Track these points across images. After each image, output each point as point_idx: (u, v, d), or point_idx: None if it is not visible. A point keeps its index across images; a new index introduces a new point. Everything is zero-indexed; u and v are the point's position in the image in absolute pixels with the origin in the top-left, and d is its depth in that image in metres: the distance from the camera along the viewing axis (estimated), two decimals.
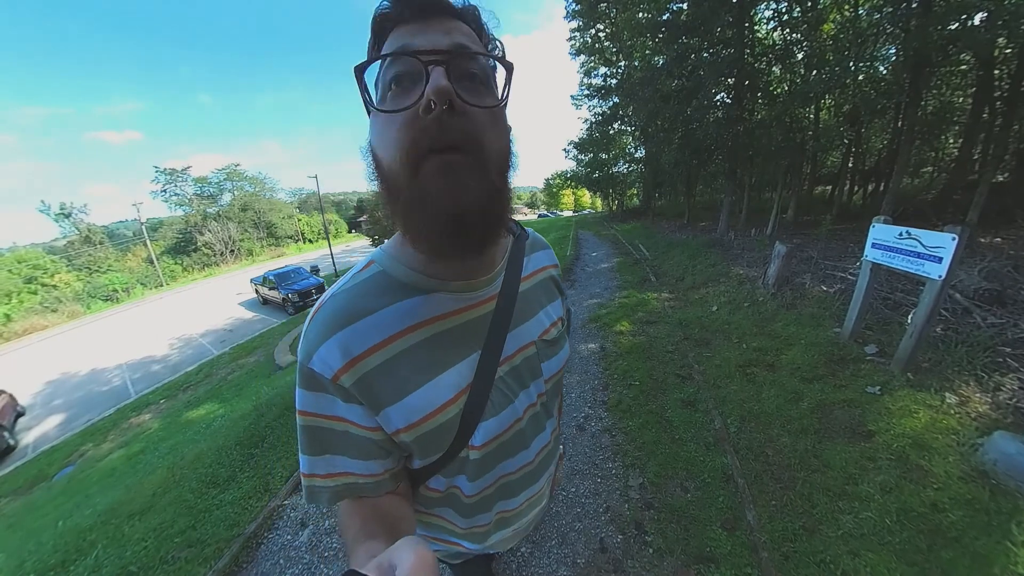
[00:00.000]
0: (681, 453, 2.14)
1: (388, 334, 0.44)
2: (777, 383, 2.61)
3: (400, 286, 0.46)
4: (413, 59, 0.34)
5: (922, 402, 2.11)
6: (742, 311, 3.86)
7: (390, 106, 0.36)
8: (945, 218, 5.53)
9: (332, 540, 1.88)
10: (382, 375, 0.43)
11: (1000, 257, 3.91)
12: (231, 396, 5.98)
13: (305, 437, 0.46)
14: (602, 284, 6.36)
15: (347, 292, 0.45)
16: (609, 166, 16.05)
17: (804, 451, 2.00)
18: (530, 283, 0.56)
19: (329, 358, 0.42)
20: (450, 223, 0.35)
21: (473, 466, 0.51)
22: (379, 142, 0.38)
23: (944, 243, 2.11)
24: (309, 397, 0.44)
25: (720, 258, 5.92)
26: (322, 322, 0.43)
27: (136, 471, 3.53)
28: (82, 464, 5.56)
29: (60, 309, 24.18)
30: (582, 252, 9.74)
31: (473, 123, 0.35)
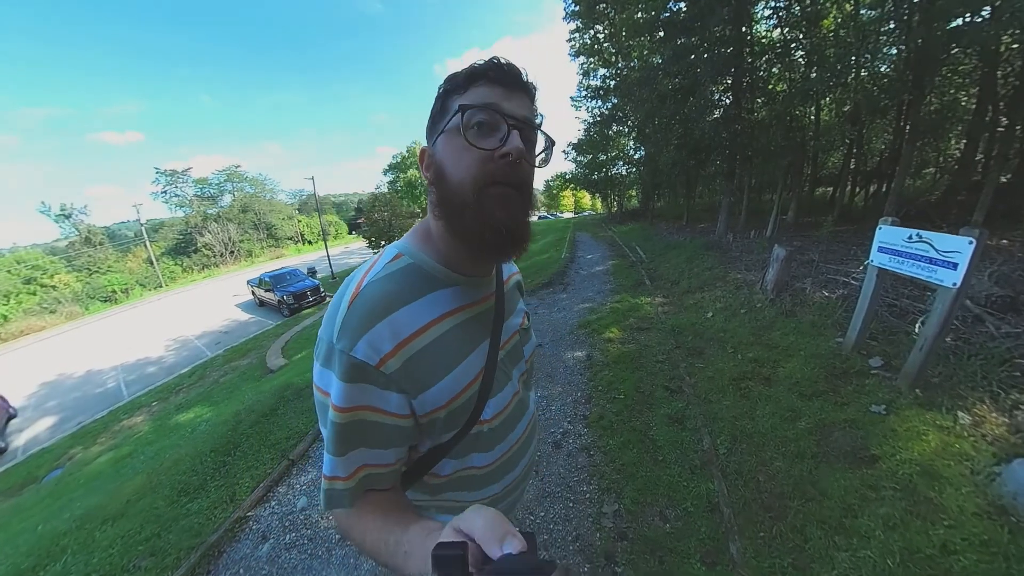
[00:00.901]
0: (663, 477, 1.97)
1: (427, 320, 0.49)
2: (773, 399, 2.41)
3: (430, 278, 0.52)
4: (500, 118, 0.45)
5: (932, 423, 1.91)
6: (738, 318, 3.66)
7: (474, 141, 0.45)
8: (949, 220, 5.33)
9: (291, 555, 1.85)
10: (424, 358, 0.48)
11: (1011, 260, 3.71)
12: (221, 399, 5.92)
13: (340, 435, 0.47)
14: (595, 288, 6.18)
15: (385, 280, 0.50)
16: (607, 168, 15.89)
17: (800, 477, 1.81)
18: (508, 285, 0.67)
19: (378, 342, 0.45)
20: (501, 235, 0.46)
21: (485, 440, 0.57)
22: (454, 162, 0.47)
23: (960, 247, 1.91)
24: (353, 390, 0.45)
25: (717, 261, 5.72)
26: (367, 307, 0.47)
27: (119, 475, 3.51)
28: (71, 467, 5.52)
29: (59, 310, 24.14)
30: (578, 254, 9.56)
31: (526, 173, 0.48)
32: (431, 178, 0.50)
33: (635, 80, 9.19)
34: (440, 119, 0.49)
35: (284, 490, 2.31)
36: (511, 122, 0.46)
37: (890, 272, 2.39)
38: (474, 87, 0.47)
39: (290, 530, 1.98)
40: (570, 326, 4.59)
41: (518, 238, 0.49)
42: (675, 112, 7.56)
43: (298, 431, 2.94)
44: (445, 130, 0.48)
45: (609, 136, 14.53)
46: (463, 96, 0.47)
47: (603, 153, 15.54)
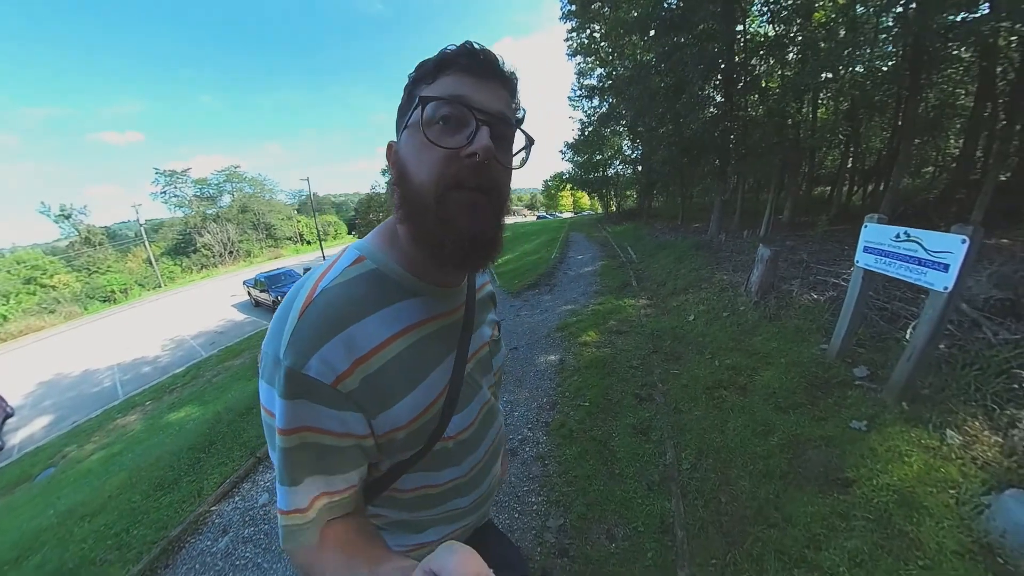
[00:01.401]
0: (617, 492, 1.83)
1: (389, 334, 0.44)
2: (747, 410, 2.21)
3: (395, 287, 0.47)
4: (469, 112, 0.40)
5: (916, 442, 1.70)
6: (720, 321, 3.46)
7: (436, 139, 0.40)
8: (948, 218, 5.10)
9: (247, 549, 1.86)
10: (384, 375, 0.43)
11: (1011, 260, 3.48)
12: (212, 399, 5.90)
13: (290, 462, 0.41)
14: (580, 289, 5.99)
15: (343, 287, 0.44)
16: (602, 167, 15.73)
17: (765, 499, 1.62)
18: (480, 295, 0.63)
19: (333, 359, 0.40)
20: (468, 244, 0.42)
21: (449, 456, 0.54)
22: (415, 160, 0.42)
23: (952, 247, 1.72)
24: (302, 411, 0.40)
25: (706, 261, 5.51)
26: (319, 319, 0.40)
27: (108, 473, 3.56)
28: (63, 465, 5.57)
29: (58, 310, 24.21)
30: (568, 255, 9.38)
31: (498, 175, 0.43)
32: (394, 177, 0.45)
33: (627, 78, 9.00)
34: (405, 111, 0.44)
35: (249, 486, 2.33)
36: (480, 117, 0.40)
37: (877, 274, 2.20)
38: (443, 76, 0.41)
39: (250, 525, 2.00)
40: (548, 329, 4.42)
41: (484, 249, 0.44)
42: (666, 110, 7.37)
43: None
44: (408, 124, 0.43)
45: (604, 136, 14.36)
46: (431, 86, 0.42)
47: (598, 153, 15.36)
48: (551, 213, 44.24)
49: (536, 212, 53.25)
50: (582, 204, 40.96)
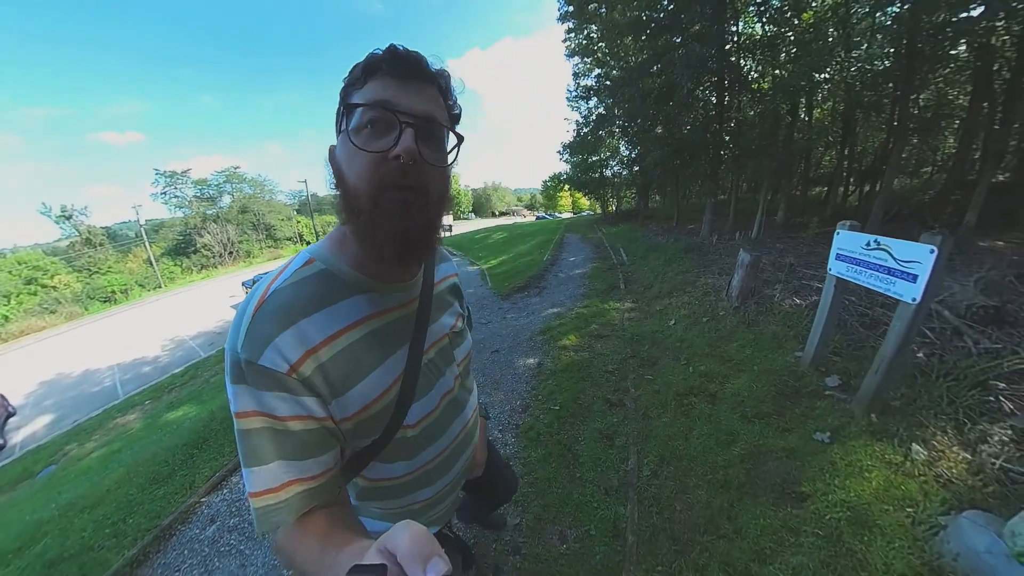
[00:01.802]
0: (574, 495, 1.83)
1: (339, 327, 0.47)
2: (714, 419, 2.15)
3: (344, 285, 0.50)
4: (393, 115, 0.42)
5: (880, 456, 1.63)
6: (699, 327, 3.38)
7: (364, 144, 0.42)
8: (942, 220, 5.01)
9: (231, 537, 1.97)
10: (335, 365, 0.47)
11: (1001, 264, 3.39)
12: (209, 398, 5.93)
13: (249, 444, 0.44)
14: (568, 292, 5.92)
15: (294, 287, 0.47)
16: (598, 168, 15.65)
17: (718, 509, 1.59)
18: (440, 287, 0.65)
19: (285, 350, 0.43)
20: (399, 241, 0.44)
21: (409, 445, 0.56)
22: (348, 166, 0.44)
23: (920, 256, 1.65)
24: (254, 397, 0.43)
25: (694, 264, 5.43)
26: (272, 314, 0.44)
27: (107, 469, 3.67)
28: (64, 463, 5.66)
29: (59, 310, 24.34)
30: (561, 256, 9.30)
31: (425, 173, 0.44)
32: (335, 180, 0.47)
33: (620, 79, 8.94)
34: (339, 119, 0.46)
35: (237, 479, 2.45)
36: (404, 119, 0.42)
37: (851, 282, 2.12)
38: (371, 80, 0.43)
39: (235, 515, 2.11)
40: (531, 332, 4.36)
41: (417, 244, 0.46)
42: (656, 111, 7.30)
43: None
44: (341, 130, 0.45)
45: (600, 137, 14.28)
46: (360, 91, 0.44)
47: (593, 154, 15.29)
48: (550, 214, 44.15)
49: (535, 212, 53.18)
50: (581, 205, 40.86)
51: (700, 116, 6.62)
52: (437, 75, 0.46)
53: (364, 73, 0.43)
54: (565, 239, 12.31)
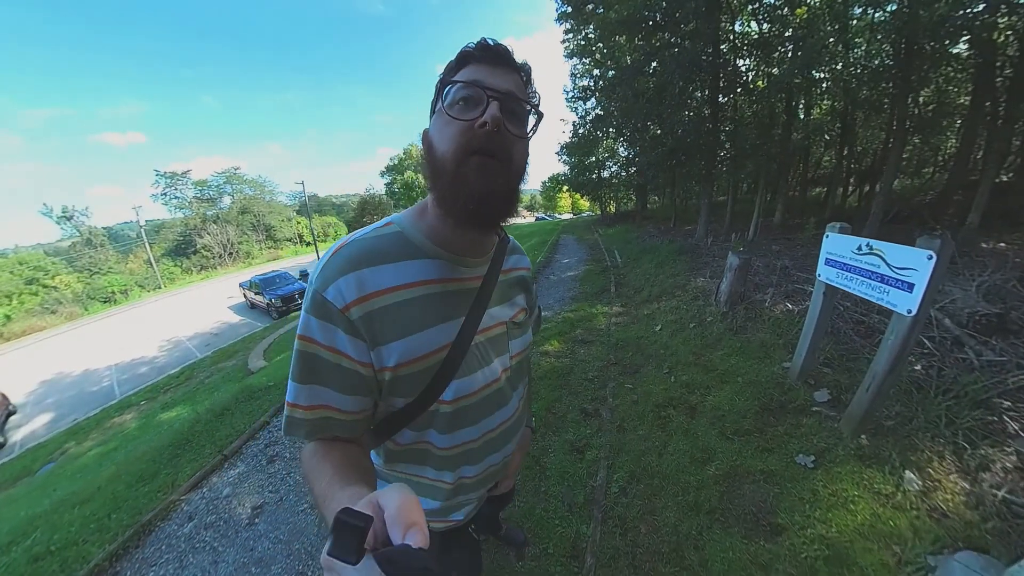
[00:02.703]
0: (537, 510, 1.74)
1: (397, 283, 0.52)
2: (691, 434, 1.99)
3: (414, 247, 0.54)
4: (482, 91, 0.48)
5: (868, 485, 1.46)
6: (685, 333, 3.22)
7: (457, 114, 0.48)
8: (943, 220, 4.81)
9: (207, 534, 2.03)
10: (386, 315, 0.51)
11: (1005, 267, 3.20)
12: (202, 399, 5.88)
13: (299, 362, 0.51)
14: (558, 295, 5.76)
15: (368, 240, 0.54)
16: (595, 169, 15.51)
17: (685, 536, 1.45)
18: (508, 277, 0.67)
19: (345, 289, 0.49)
20: (477, 202, 0.48)
21: (443, 420, 0.58)
22: (439, 135, 0.50)
23: (917, 263, 1.48)
24: (314, 324, 0.49)
25: (686, 267, 5.26)
26: (344, 258, 0.51)
27: (101, 467, 3.72)
28: (62, 461, 5.70)
29: (59, 311, 24.41)
30: (555, 258, 9.14)
31: (507, 142, 0.49)
32: (424, 154, 0.52)
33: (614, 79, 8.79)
34: (435, 101, 0.52)
35: (216, 479, 2.52)
36: (491, 94, 0.47)
37: (839, 290, 1.96)
38: (464, 68, 0.50)
39: (212, 513, 2.18)
40: None
41: (495, 207, 0.50)
42: (650, 112, 7.13)
43: (238, 430, 3.06)
44: (436, 110, 0.51)
45: (597, 137, 14.14)
46: (454, 76, 0.49)
47: (590, 155, 15.15)
48: (550, 214, 43.91)
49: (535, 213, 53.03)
50: (581, 206, 40.65)
51: (693, 116, 6.44)
52: (521, 65, 0.52)
53: (458, 63, 0.50)
54: (561, 240, 12.16)
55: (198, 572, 1.78)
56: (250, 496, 2.24)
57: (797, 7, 4.90)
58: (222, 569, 1.77)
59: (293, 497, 2.17)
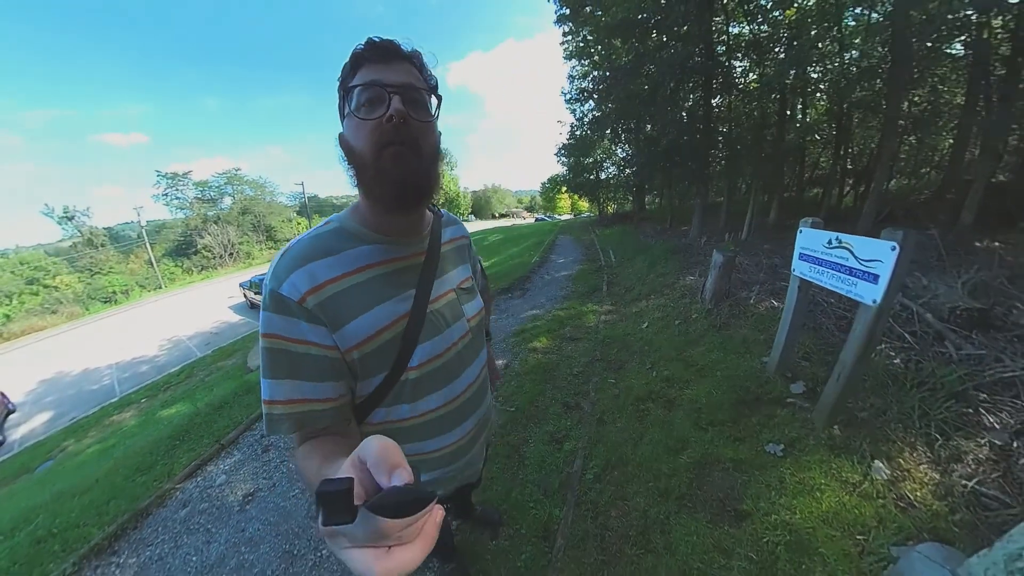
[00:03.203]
0: (513, 494, 1.78)
1: (345, 270, 0.57)
2: (667, 425, 1.99)
3: (353, 238, 0.60)
4: (381, 89, 0.52)
5: (836, 474, 1.45)
6: (671, 329, 3.21)
7: (365, 115, 0.53)
8: (937, 220, 4.80)
9: (201, 518, 2.11)
10: (340, 300, 0.55)
11: (993, 264, 3.19)
12: (202, 397, 5.90)
13: (269, 359, 0.54)
14: (550, 294, 5.76)
15: (312, 238, 0.59)
16: (593, 170, 15.54)
17: (654, 520, 1.47)
18: (449, 247, 0.72)
19: (299, 283, 0.53)
20: (399, 187, 0.54)
21: (411, 388, 0.62)
22: (354, 136, 0.54)
23: (882, 255, 1.49)
24: (276, 320, 0.53)
25: (678, 266, 5.26)
26: (292, 257, 0.56)
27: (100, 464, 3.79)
28: (61, 458, 5.74)
29: (60, 310, 24.50)
30: (550, 258, 9.14)
31: (414, 129, 0.54)
32: (345, 156, 0.56)
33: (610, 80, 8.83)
34: (342, 107, 0.56)
35: (212, 468, 2.59)
36: (390, 90, 0.51)
37: (813, 284, 1.95)
38: (361, 70, 0.53)
39: (206, 500, 2.27)
40: (506, 333, 4.22)
41: (416, 190, 0.55)
42: (643, 112, 7.16)
43: (236, 421, 3.13)
44: (346, 114, 0.55)
45: (594, 138, 14.19)
46: (353, 80, 0.53)
47: (586, 156, 15.19)
48: (549, 215, 43.94)
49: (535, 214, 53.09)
50: (580, 207, 40.69)
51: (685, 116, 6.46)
52: (411, 55, 0.55)
53: (353, 67, 0.53)
54: (558, 241, 12.17)
55: (191, 551, 1.87)
56: (244, 483, 2.31)
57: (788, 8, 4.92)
58: (214, 549, 1.85)
59: (285, 484, 2.23)
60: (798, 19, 4.80)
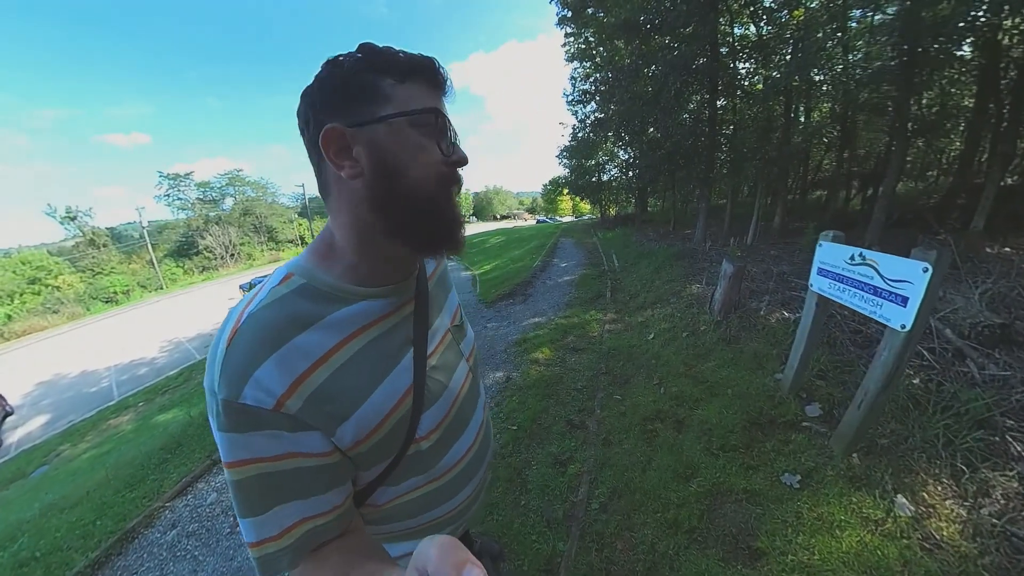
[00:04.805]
0: (515, 524, 1.69)
1: (329, 346, 0.43)
2: (676, 449, 1.92)
3: (329, 297, 0.46)
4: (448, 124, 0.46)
5: (857, 510, 1.37)
6: (678, 342, 3.13)
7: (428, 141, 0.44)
8: (947, 224, 4.71)
9: (189, 542, 2.02)
10: (330, 389, 0.42)
11: (1010, 274, 3.09)
12: (198, 401, 5.89)
13: (244, 494, 0.40)
14: (552, 300, 5.69)
15: (272, 307, 0.42)
16: (595, 172, 15.46)
17: (662, 555, 1.39)
18: (433, 280, 0.61)
19: (269, 382, 0.38)
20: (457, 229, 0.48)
21: (423, 459, 0.52)
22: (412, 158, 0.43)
23: (912, 275, 1.38)
24: (242, 442, 0.39)
25: (683, 272, 5.17)
26: (249, 344, 0.39)
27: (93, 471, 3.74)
28: (56, 463, 5.72)
29: (61, 310, 24.57)
30: (552, 262, 9.06)
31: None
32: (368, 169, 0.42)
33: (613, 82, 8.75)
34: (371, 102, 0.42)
35: (202, 485, 2.50)
36: (455, 131, 0.47)
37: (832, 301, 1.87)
38: (412, 81, 0.44)
39: (195, 521, 2.18)
40: (507, 343, 4.14)
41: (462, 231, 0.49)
42: (647, 114, 7.08)
43: None
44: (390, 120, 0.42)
45: (595, 140, 14.10)
46: (402, 87, 0.42)
47: (588, 158, 15.12)
48: (551, 217, 43.90)
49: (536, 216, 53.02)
50: (582, 208, 40.60)
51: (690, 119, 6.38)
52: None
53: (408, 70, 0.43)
54: (559, 244, 12.09)
55: None
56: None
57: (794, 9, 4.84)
58: None
59: None
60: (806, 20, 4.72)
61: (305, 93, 0.44)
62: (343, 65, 0.42)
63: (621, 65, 9.03)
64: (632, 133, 8.25)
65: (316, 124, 0.42)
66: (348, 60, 0.42)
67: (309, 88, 0.43)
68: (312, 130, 0.42)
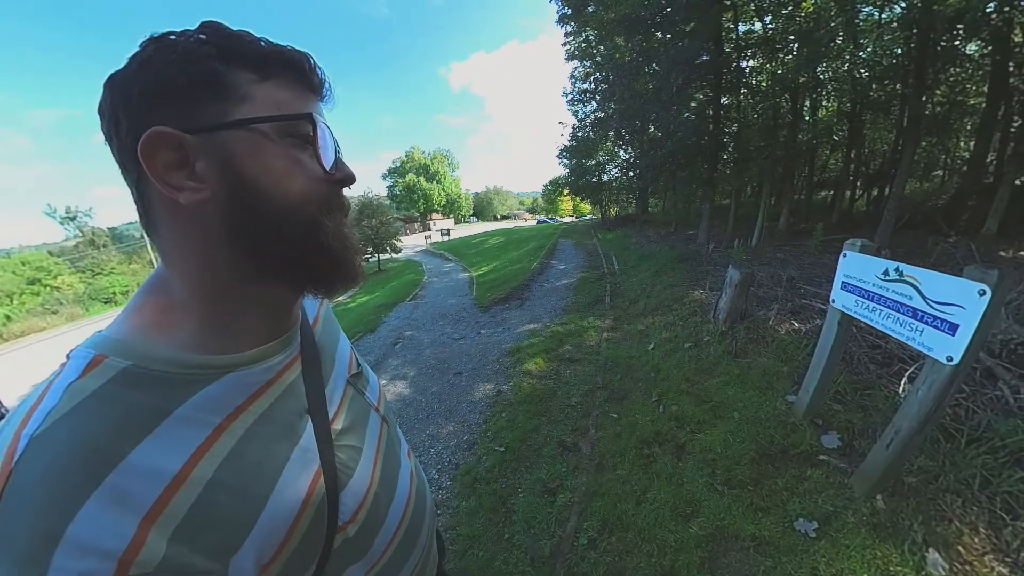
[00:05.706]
0: (497, 561, 1.56)
1: (190, 451, 0.30)
2: (675, 479, 1.75)
3: (175, 380, 0.31)
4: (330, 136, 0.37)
5: (882, 566, 1.20)
6: (680, 354, 2.95)
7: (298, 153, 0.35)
8: (958, 227, 4.51)
9: None
10: (209, 510, 0.29)
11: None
12: None
13: None
14: (549, 305, 5.51)
15: (74, 418, 0.27)
16: (595, 172, 15.29)
17: None
18: (319, 325, 0.50)
19: (99, 538, 0.25)
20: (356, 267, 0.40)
21: (356, 543, 0.42)
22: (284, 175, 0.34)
23: (964, 299, 1.13)
24: None
25: (685, 276, 4.99)
26: (45, 486, 0.25)
27: None
28: None
29: (60, 311, 24.58)
30: (551, 264, 8.88)
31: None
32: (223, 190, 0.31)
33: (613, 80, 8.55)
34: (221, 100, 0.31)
35: None
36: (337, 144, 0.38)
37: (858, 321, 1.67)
38: (279, 78, 0.34)
39: None
40: (500, 352, 3.98)
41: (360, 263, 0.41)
42: (647, 113, 6.89)
43: None
44: (251, 126, 0.32)
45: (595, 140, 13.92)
46: (265, 85, 0.32)
47: (588, 158, 14.94)
48: (551, 217, 43.67)
49: (537, 216, 52.81)
50: (582, 209, 40.35)
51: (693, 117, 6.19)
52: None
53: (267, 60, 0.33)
54: (559, 245, 11.88)
55: None
56: None
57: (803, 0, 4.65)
58: None
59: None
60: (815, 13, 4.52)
61: (114, 80, 0.30)
62: (177, 47, 0.30)
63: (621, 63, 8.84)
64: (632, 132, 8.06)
65: (132, 127, 0.29)
66: (186, 41, 0.31)
67: (121, 74, 0.30)
68: (126, 135, 0.30)
